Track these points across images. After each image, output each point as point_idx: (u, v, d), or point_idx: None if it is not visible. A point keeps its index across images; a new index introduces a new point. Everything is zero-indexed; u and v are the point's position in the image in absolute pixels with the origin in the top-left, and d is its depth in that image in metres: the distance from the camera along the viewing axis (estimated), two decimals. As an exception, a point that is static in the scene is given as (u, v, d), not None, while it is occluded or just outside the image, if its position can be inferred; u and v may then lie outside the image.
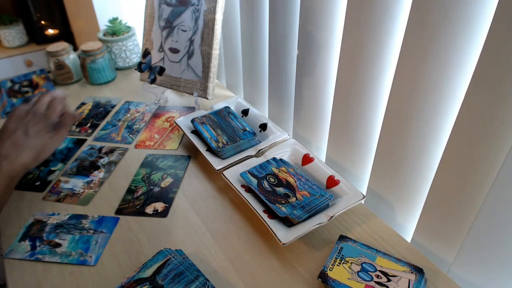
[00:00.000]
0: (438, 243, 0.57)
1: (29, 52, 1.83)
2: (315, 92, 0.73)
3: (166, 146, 0.81)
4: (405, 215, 0.63)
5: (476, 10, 0.43)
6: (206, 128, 0.77)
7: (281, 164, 0.68)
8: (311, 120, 0.77)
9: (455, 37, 0.45)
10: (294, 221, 0.58)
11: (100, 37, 1.08)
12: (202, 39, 0.84)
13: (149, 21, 0.93)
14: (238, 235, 0.61)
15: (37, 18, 1.80)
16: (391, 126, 0.58)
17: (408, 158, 0.58)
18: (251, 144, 0.75)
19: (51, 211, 0.67)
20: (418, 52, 0.49)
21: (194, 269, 0.52)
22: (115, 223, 0.64)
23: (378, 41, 0.55)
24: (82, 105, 0.98)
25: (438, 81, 0.49)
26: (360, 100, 0.63)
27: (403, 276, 0.51)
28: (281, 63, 0.78)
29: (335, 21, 0.63)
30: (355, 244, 0.56)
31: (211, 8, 0.82)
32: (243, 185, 0.65)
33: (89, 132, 0.87)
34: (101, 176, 0.74)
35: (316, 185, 0.64)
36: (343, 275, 0.51)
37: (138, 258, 0.58)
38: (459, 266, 0.54)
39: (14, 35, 1.82)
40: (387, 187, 0.64)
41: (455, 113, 0.48)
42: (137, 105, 0.96)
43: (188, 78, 0.88)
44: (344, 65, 0.62)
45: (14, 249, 0.60)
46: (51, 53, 1.02)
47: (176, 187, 0.70)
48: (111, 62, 1.06)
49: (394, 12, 0.52)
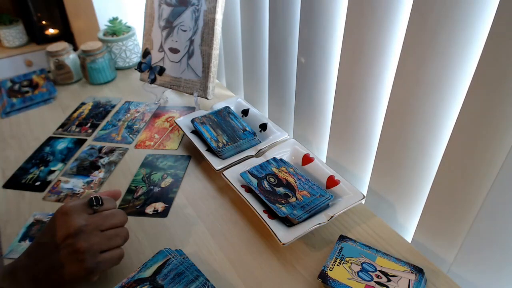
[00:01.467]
0: (438, 243, 0.57)
1: (29, 52, 1.83)
2: (315, 92, 0.73)
3: (166, 146, 0.81)
4: (406, 215, 0.63)
5: (477, 10, 0.43)
6: (206, 128, 0.77)
7: (281, 164, 0.68)
8: (311, 120, 0.77)
9: (455, 37, 0.45)
10: (294, 221, 0.58)
11: (100, 37, 1.08)
12: (202, 39, 0.84)
13: (149, 21, 0.93)
14: (238, 235, 0.61)
15: (37, 18, 1.80)
16: (392, 126, 0.58)
17: (409, 158, 0.58)
18: (251, 144, 0.75)
19: (51, 211, 0.67)
20: (418, 52, 0.49)
21: (194, 269, 0.52)
22: (115, 223, 0.64)
23: (379, 40, 0.55)
24: (82, 105, 0.98)
25: (439, 81, 0.49)
26: (361, 100, 0.63)
27: (403, 276, 0.51)
28: (281, 63, 0.78)
29: (336, 20, 0.63)
30: (355, 244, 0.56)
31: (211, 8, 0.82)
32: (243, 185, 0.65)
33: (89, 132, 0.87)
34: (101, 176, 0.74)
35: (316, 185, 0.64)
36: (343, 275, 0.51)
37: (138, 258, 0.58)
38: (459, 266, 0.54)
39: (14, 35, 1.82)
40: (388, 187, 0.64)
41: (456, 113, 0.48)
42: (137, 105, 0.96)
43: (188, 78, 0.88)
44: (344, 65, 0.62)
45: (14, 249, 0.60)
46: (51, 53, 1.02)
47: (176, 187, 0.70)
48: (111, 62, 1.06)
49: (395, 12, 0.52)
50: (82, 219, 0.49)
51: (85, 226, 0.48)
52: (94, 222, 0.50)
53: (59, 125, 0.91)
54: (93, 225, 0.49)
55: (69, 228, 0.47)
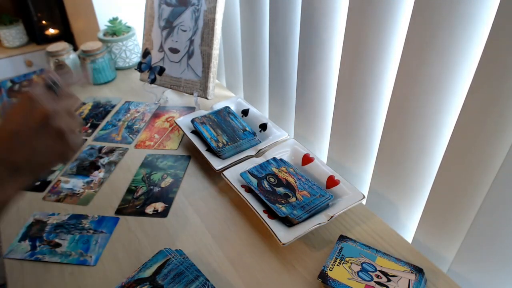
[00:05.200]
0: (439, 241, 0.57)
1: (29, 52, 1.83)
2: (316, 91, 0.73)
3: (166, 146, 0.81)
4: (407, 214, 0.63)
5: (478, 9, 0.43)
6: (206, 128, 0.77)
7: (281, 164, 0.68)
8: (312, 120, 0.77)
9: (457, 36, 0.45)
10: (294, 221, 0.58)
11: (100, 37, 1.08)
12: (202, 39, 0.84)
13: (149, 21, 0.93)
14: (238, 235, 0.61)
15: (37, 18, 1.80)
16: (393, 125, 0.58)
17: (410, 157, 0.58)
18: (251, 144, 0.75)
19: (51, 211, 0.67)
20: (420, 51, 0.49)
21: (194, 269, 0.52)
22: (115, 223, 0.64)
23: (380, 40, 0.55)
24: (82, 105, 0.98)
25: (440, 80, 0.49)
26: (362, 99, 0.63)
27: (403, 276, 0.51)
28: (282, 63, 0.78)
29: (336, 20, 0.63)
30: (355, 244, 0.56)
31: (211, 8, 0.82)
32: (243, 185, 0.65)
33: (89, 132, 0.87)
34: (101, 176, 0.74)
35: (316, 185, 0.64)
36: (343, 275, 0.51)
37: (138, 258, 0.58)
38: (459, 264, 0.54)
39: (14, 35, 1.82)
40: (389, 186, 0.64)
41: (457, 112, 0.48)
42: (137, 105, 0.96)
43: (188, 78, 0.88)
44: (345, 64, 0.62)
45: (14, 249, 0.60)
46: (51, 53, 1.02)
47: (176, 187, 0.70)
48: (111, 62, 1.06)
49: (396, 11, 0.52)
50: (51, 102, 0.48)
51: (58, 109, 0.47)
52: (63, 105, 0.49)
53: (59, 125, 0.90)
54: (63, 108, 0.49)
55: (43, 111, 0.46)
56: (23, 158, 0.45)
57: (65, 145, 0.47)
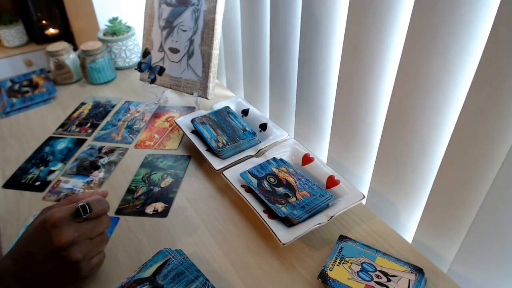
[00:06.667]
0: (439, 241, 0.57)
1: (29, 52, 1.83)
2: (316, 91, 0.73)
3: (166, 146, 0.81)
4: (407, 214, 0.63)
5: (478, 9, 0.43)
6: (206, 128, 0.77)
7: (281, 164, 0.68)
8: (312, 120, 0.77)
9: (457, 36, 0.45)
10: (294, 221, 0.58)
11: (100, 37, 1.08)
12: (202, 39, 0.84)
13: (149, 21, 0.93)
14: (238, 235, 0.61)
15: (37, 18, 1.80)
16: (393, 125, 0.58)
17: (410, 157, 0.58)
18: (251, 144, 0.75)
19: (51, 211, 0.67)
20: (420, 51, 0.49)
21: (194, 269, 0.52)
22: (115, 223, 0.64)
23: (380, 40, 0.55)
24: (82, 105, 0.98)
25: (440, 80, 0.49)
26: (362, 99, 0.63)
27: (403, 276, 0.51)
28: (282, 63, 0.78)
29: (337, 19, 0.63)
30: (355, 244, 0.56)
31: (211, 8, 0.82)
32: (243, 185, 0.65)
33: (89, 132, 0.87)
34: (101, 176, 0.74)
35: (316, 185, 0.64)
36: (343, 275, 0.51)
37: (138, 258, 0.58)
38: (459, 264, 0.54)
39: (14, 35, 1.82)
40: (389, 186, 0.64)
41: (457, 112, 0.48)
42: (137, 105, 0.96)
43: (188, 78, 0.88)
44: (346, 64, 0.62)
45: (14, 249, 0.60)
46: (51, 53, 1.02)
47: (176, 187, 0.70)
48: (111, 62, 1.06)
49: (396, 11, 0.52)
50: (73, 230, 0.48)
51: (77, 237, 0.48)
52: (85, 232, 0.50)
53: (59, 125, 0.91)
54: (84, 235, 0.49)
55: (61, 241, 0.47)
56: (34, 278, 0.48)
57: (75, 276, 0.49)
